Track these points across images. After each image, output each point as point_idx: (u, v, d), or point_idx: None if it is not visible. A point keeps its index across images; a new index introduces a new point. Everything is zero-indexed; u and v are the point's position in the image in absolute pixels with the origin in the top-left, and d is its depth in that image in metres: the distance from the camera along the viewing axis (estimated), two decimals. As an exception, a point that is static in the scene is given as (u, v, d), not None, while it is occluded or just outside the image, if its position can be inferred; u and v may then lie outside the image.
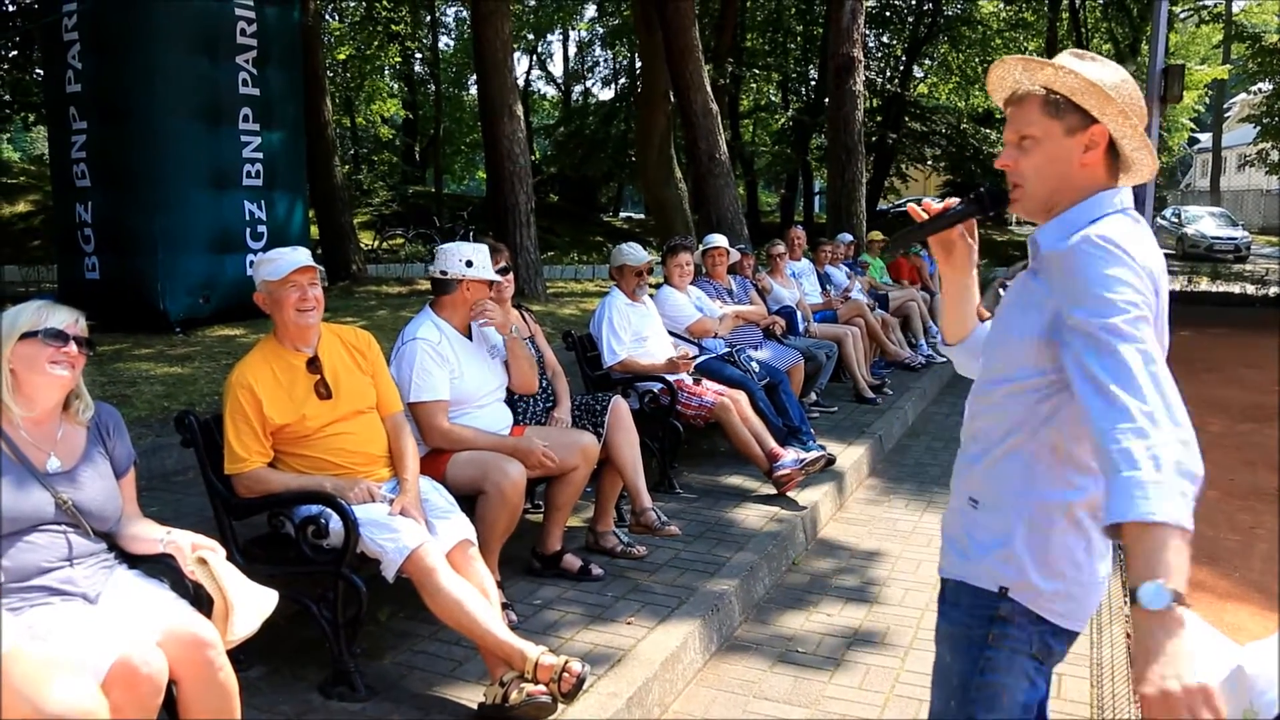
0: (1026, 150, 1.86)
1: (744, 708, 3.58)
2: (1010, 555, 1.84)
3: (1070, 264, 1.70)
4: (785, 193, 35.88)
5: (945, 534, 2.03)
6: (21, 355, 2.58)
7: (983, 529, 1.89)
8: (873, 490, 6.43)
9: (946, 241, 2.10)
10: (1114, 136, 1.82)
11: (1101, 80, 1.80)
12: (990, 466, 1.89)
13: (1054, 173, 1.84)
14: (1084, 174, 1.84)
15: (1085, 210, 1.81)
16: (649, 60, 17.79)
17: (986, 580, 1.87)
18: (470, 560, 3.41)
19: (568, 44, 42.48)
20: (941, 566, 2.03)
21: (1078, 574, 1.83)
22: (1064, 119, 1.82)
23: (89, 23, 9.46)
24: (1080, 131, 1.82)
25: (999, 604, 1.86)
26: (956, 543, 1.97)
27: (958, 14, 30.16)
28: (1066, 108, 1.81)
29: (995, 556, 1.86)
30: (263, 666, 3.41)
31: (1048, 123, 1.83)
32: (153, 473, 5.45)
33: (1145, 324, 1.61)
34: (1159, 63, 12.22)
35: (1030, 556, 1.82)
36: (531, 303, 9.79)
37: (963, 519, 1.96)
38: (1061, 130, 1.82)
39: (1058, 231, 1.81)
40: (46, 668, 2.14)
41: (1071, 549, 1.82)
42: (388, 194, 29.32)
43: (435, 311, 4.25)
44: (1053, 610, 1.84)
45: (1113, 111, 1.79)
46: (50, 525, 2.56)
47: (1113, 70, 1.84)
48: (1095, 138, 1.82)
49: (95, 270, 9.75)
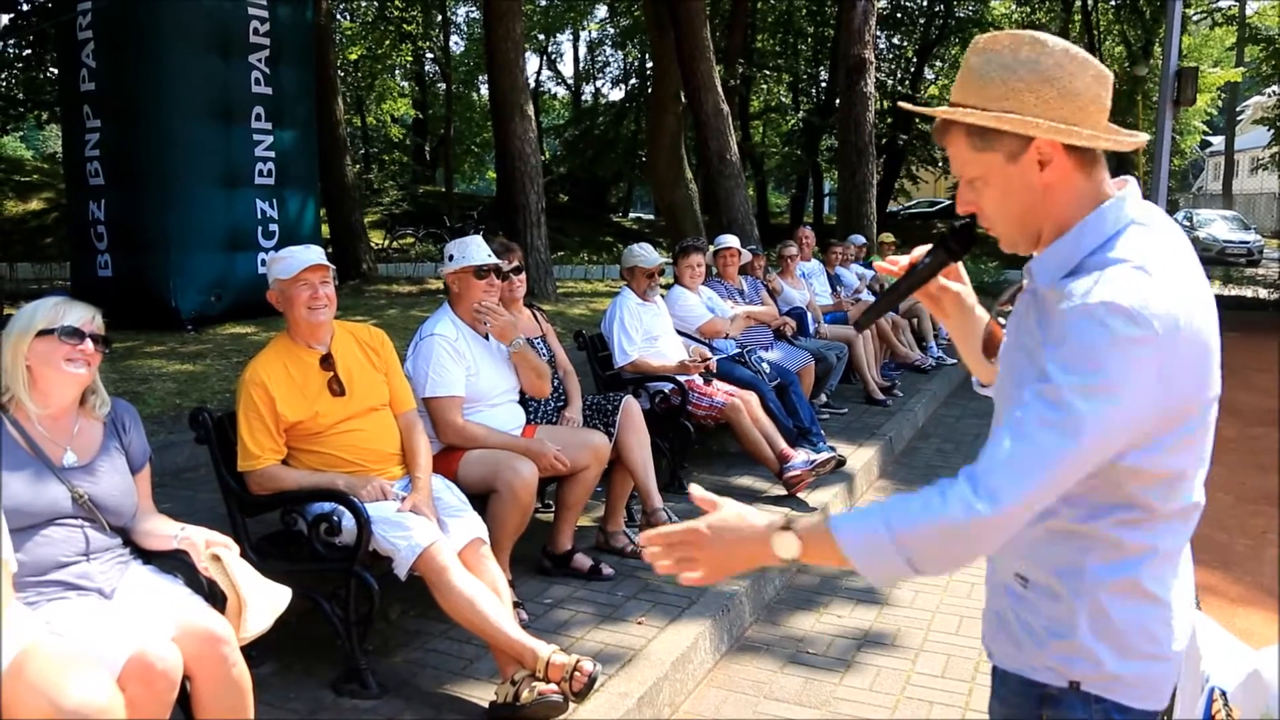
0: (979, 190, 1.56)
1: (754, 708, 3.58)
2: (1077, 646, 1.55)
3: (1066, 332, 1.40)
4: (795, 193, 35.84)
5: (991, 606, 1.73)
6: (38, 352, 2.60)
7: (1036, 615, 1.60)
8: (883, 492, 6.42)
9: (929, 296, 1.83)
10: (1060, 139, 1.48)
11: (1007, 85, 1.49)
12: (1033, 542, 1.59)
13: (1017, 207, 1.54)
14: (1054, 194, 1.52)
15: (1084, 236, 1.50)
16: (660, 61, 17.78)
17: (1051, 676, 1.58)
18: (482, 559, 3.41)
19: (578, 44, 42.51)
20: (989, 647, 1.74)
21: (1156, 649, 1.55)
22: (997, 147, 1.51)
23: (103, 21, 9.51)
24: (1022, 153, 1.50)
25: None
26: (1004, 623, 1.67)
27: (969, 15, 30.10)
28: (993, 134, 1.50)
29: (1058, 648, 1.57)
30: (274, 663, 3.42)
31: (982, 158, 1.53)
32: (165, 469, 5.46)
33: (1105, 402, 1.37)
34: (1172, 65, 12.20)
35: (1104, 645, 1.54)
36: (542, 303, 9.79)
37: (1010, 599, 1.66)
38: (1001, 160, 1.51)
39: (1055, 262, 1.52)
40: (63, 663, 2.15)
41: (1147, 624, 1.54)
42: (398, 193, 29.40)
43: (452, 309, 4.26)
44: (1133, 694, 1.56)
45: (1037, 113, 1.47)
46: (66, 520, 2.57)
47: (1007, 55, 1.50)
48: (1043, 151, 1.49)
49: (108, 268, 9.81)
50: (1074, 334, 1.38)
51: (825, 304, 9.18)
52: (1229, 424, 8.60)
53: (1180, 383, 1.41)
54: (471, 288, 4.20)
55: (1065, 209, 1.52)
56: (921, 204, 37.74)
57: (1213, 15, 31.07)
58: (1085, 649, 1.54)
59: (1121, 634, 1.53)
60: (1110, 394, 1.36)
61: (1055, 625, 1.56)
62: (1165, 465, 1.47)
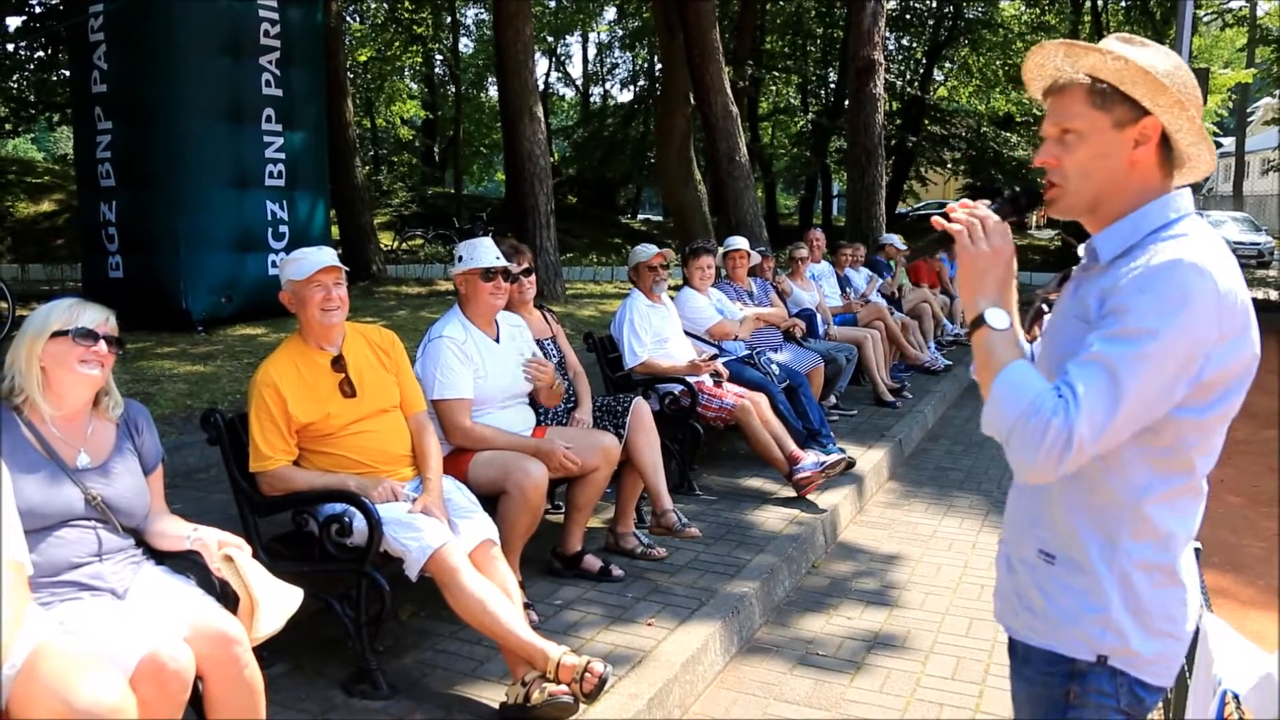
0: (1069, 146, 1.66)
1: (764, 710, 3.57)
2: (1109, 621, 1.63)
3: (1143, 285, 1.53)
4: (804, 195, 35.82)
5: (1009, 584, 1.80)
6: (52, 353, 2.61)
7: (1065, 591, 1.67)
8: (893, 494, 6.42)
9: None
10: (1168, 130, 1.63)
11: (1154, 66, 1.60)
12: (1062, 517, 1.68)
13: (1101, 171, 1.65)
14: (1134, 173, 1.64)
15: (1148, 217, 1.63)
16: (669, 62, 17.79)
17: (1079, 649, 1.65)
18: (492, 560, 3.41)
19: (587, 46, 42.57)
20: (1008, 623, 1.81)
21: (1174, 629, 1.65)
22: (1112, 110, 1.62)
23: (115, 24, 9.56)
24: (1130, 125, 1.62)
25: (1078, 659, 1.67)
26: (1028, 600, 1.74)
27: (979, 16, 30.00)
28: (1114, 97, 1.62)
29: (1090, 622, 1.64)
30: (286, 663, 3.43)
31: (1093, 114, 1.63)
32: (176, 470, 5.49)
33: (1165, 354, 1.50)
34: (1183, 66, 12.14)
35: (1132, 620, 1.62)
36: (551, 304, 9.80)
37: (1033, 575, 1.73)
38: (1109, 123, 1.62)
39: (1119, 239, 1.65)
40: (76, 663, 2.16)
41: (1168, 604, 1.64)
42: (407, 195, 29.45)
43: (462, 311, 4.27)
44: (1151, 671, 1.65)
45: (1166, 101, 1.60)
46: (80, 521, 2.58)
47: (1165, 55, 1.63)
48: (1147, 131, 1.62)
49: (119, 269, 9.85)
50: (1151, 285, 1.51)
51: (835, 305, 9.17)
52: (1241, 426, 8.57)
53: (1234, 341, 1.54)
54: (479, 289, 4.21)
55: (1135, 190, 1.65)
56: (931, 205, 37.67)
57: (1223, 16, 30.97)
58: (1115, 624, 1.62)
59: (1148, 612, 1.62)
60: (1163, 332, 1.49)
61: (1086, 600, 1.64)
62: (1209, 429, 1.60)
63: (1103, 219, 1.68)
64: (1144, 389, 1.49)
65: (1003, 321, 1.63)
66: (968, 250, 1.68)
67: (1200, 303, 1.49)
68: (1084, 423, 1.48)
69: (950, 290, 12.43)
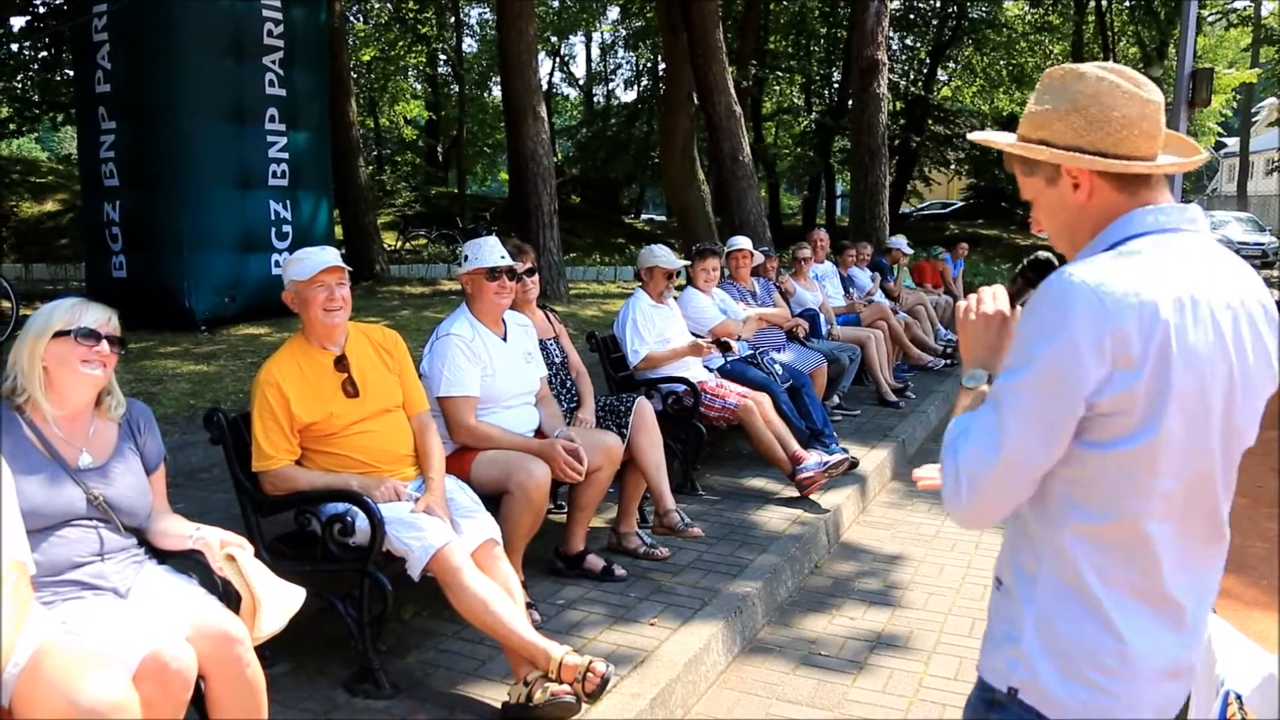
0: (1035, 206, 1.69)
1: (767, 710, 3.57)
2: (1019, 652, 1.56)
3: (1033, 303, 1.51)
4: (807, 195, 35.82)
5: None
6: (55, 353, 2.61)
7: (998, 615, 1.64)
8: (895, 494, 6.41)
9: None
10: (1092, 168, 1.56)
11: (1041, 110, 1.60)
12: (1007, 541, 1.66)
13: (1061, 219, 1.64)
14: (1090, 206, 1.59)
15: (1111, 233, 1.57)
16: (672, 62, 17.79)
17: (996, 677, 1.60)
18: (495, 560, 3.41)
19: (590, 46, 42.56)
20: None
21: (1103, 680, 1.50)
22: (1038, 173, 1.63)
23: (119, 24, 9.57)
24: (1058, 177, 1.60)
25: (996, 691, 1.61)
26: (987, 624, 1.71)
27: (982, 17, 30.00)
28: (1031, 160, 1.63)
29: (1006, 652, 1.59)
30: (288, 663, 3.43)
31: (1029, 180, 1.66)
32: (179, 469, 5.49)
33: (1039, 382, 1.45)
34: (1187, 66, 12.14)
35: (1045, 657, 1.53)
36: (554, 304, 9.80)
37: (991, 598, 1.71)
38: (1043, 183, 1.63)
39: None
40: (79, 661, 2.17)
41: (1094, 650, 1.50)
42: (410, 194, 29.43)
43: (469, 310, 4.27)
44: (1065, 708, 1.52)
45: (1067, 140, 1.56)
46: (82, 520, 2.59)
47: (1054, 85, 1.60)
48: (1073, 175, 1.58)
49: (122, 269, 9.86)
50: (1034, 306, 1.48)
51: (838, 306, 9.17)
52: (1244, 426, 8.59)
53: (1137, 370, 1.41)
54: (484, 289, 4.21)
55: (1100, 219, 1.58)
56: (934, 205, 37.66)
57: (1228, 16, 30.93)
58: (1025, 656, 1.54)
59: (1065, 652, 1.51)
60: (1035, 355, 1.44)
61: (1006, 626, 1.59)
62: (1129, 468, 1.46)
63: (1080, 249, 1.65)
64: (1024, 421, 1.46)
65: (974, 381, 1.70)
66: (961, 324, 1.76)
67: (1078, 320, 1.41)
68: (969, 460, 1.51)
69: (954, 290, 12.42)
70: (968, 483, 1.51)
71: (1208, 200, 44.82)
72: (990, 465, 1.49)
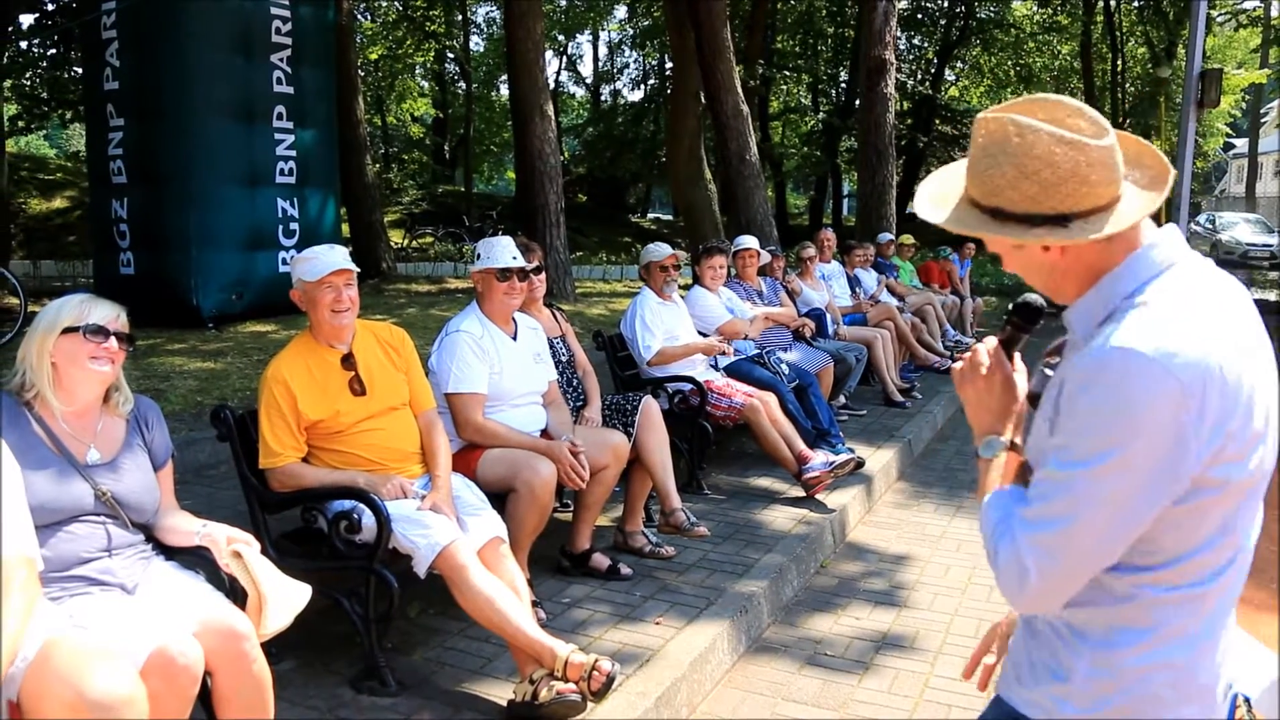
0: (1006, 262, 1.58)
1: (772, 709, 3.57)
2: (1070, 691, 1.50)
3: (1083, 385, 1.37)
4: (814, 195, 35.77)
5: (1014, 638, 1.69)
6: (63, 350, 2.62)
7: (1040, 648, 1.56)
8: (901, 494, 6.40)
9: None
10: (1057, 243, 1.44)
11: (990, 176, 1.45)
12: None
13: (1037, 279, 1.54)
14: (1067, 263, 1.49)
15: (1121, 279, 1.44)
16: (679, 61, 17.77)
17: (1037, 711, 1.54)
18: (501, 558, 3.42)
19: (598, 45, 42.57)
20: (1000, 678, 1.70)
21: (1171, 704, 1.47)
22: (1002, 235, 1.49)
23: (127, 21, 9.59)
24: (1023, 244, 1.49)
25: None
26: (1014, 658, 1.63)
27: (990, 17, 29.95)
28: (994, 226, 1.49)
29: (1052, 690, 1.52)
30: (294, 660, 3.43)
31: (996, 240, 1.52)
32: (186, 466, 5.50)
33: (1124, 473, 1.33)
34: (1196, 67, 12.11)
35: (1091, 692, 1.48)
36: (561, 303, 9.80)
37: (1022, 630, 1.63)
38: (1010, 245, 1.52)
39: (1088, 312, 1.49)
40: (87, 655, 2.17)
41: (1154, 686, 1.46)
42: (417, 193, 29.50)
43: (480, 308, 4.28)
44: None
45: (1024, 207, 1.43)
46: (90, 516, 2.59)
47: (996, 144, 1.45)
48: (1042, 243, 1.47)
49: (130, 266, 9.88)
50: (1089, 389, 1.35)
51: (844, 305, 9.15)
52: (1252, 428, 8.61)
53: (1208, 439, 1.33)
54: (494, 288, 4.22)
55: (1087, 270, 1.48)
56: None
57: (1237, 17, 30.80)
58: (1075, 694, 1.49)
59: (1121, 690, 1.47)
60: (1119, 445, 1.32)
61: (1052, 666, 1.52)
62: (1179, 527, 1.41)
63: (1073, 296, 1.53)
64: (1105, 508, 1.35)
65: (991, 450, 1.63)
66: (962, 388, 1.67)
67: (1160, 401, 1.30)
68: (1034, 549, 1.40)
69: (960, 290, 12.39)
70: (1036, 571, 1.40)
71: (1216, 201, 44.70)
72: (1065, 554, 1.39)
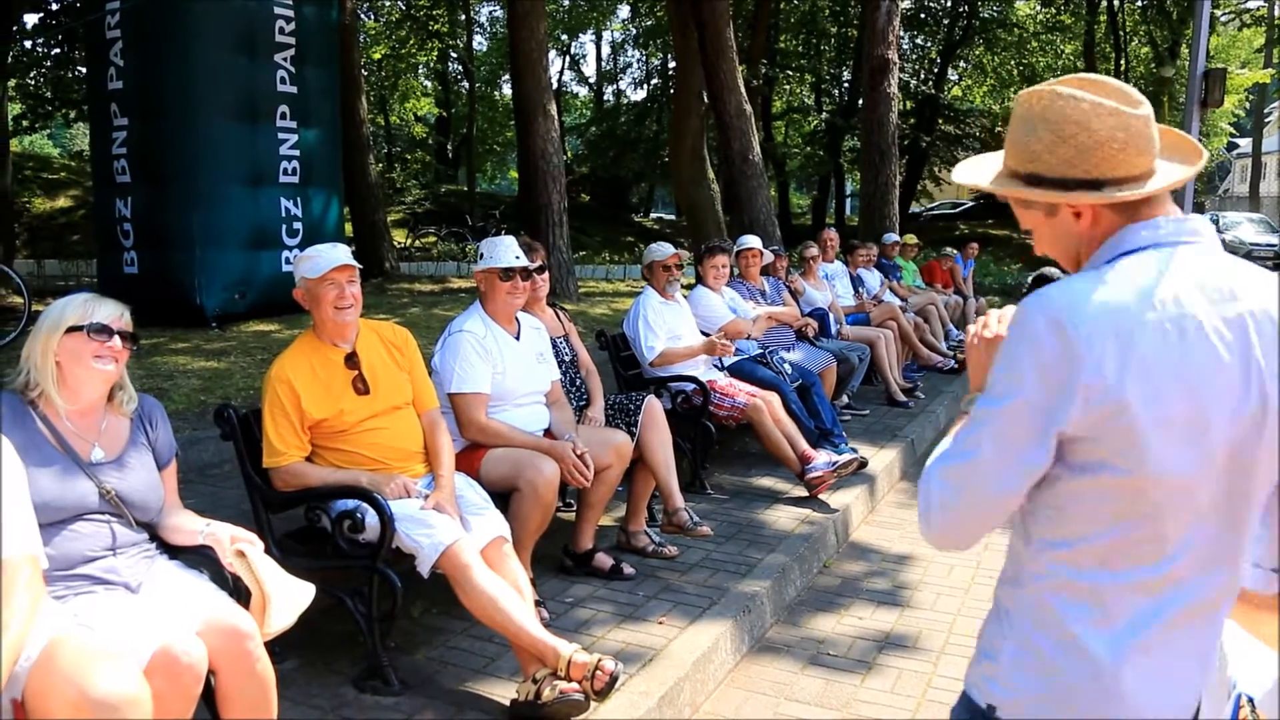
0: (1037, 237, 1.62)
1: (775, 709, 3.57)
2: (997, 672, 1.55)
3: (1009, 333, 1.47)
4: (817, 195, 35.76)
5: None
6: (67, 348, 2.62)
7: (984, 629, 1.62)
8: (904, 494, 6.40)
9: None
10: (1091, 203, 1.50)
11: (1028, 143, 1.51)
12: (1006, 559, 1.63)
13: (1065, 244, 1.57)
14: (1098, 229, 1.52)
15: (1103, 251, 1.51)
16: (682, 61, 17.75)
17: (976, 693, 1.59)
18: (504, 557, 3.42)
19: (601, 44, 42.60)
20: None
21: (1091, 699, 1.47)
22: (1034, 206, 1.57)
23: (131, 21, 9.61)
24: (1057, 210, 1.54)
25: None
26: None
27: (994, 16, 29.91)
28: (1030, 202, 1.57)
29: (984, 669, 1.58)
30: (297, 659, 3.44)
31: (1027, 214, 1.59)
32: (190, 465, 5.50)
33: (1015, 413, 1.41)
34: (1200, 66, 12.09)
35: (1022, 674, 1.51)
36: (564, 302, 9.79)
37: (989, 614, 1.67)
38: (1041, 216, 1.57)
39: None
40: (92, 654, 2.17)
41: (1067, 662, 1.48)
42: (420, 192, 29.52)
43: (483, 307, 4.28)
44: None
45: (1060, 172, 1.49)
46: (94, 515, 2.59)
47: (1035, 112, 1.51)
48: (1074, 206, 1.51)
49: (134, 265, 9.90)
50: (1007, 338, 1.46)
51: (847, 305, 9.15)
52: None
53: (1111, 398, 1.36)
54: (497, 288, 4.22)
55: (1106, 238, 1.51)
56: (944, 205, 37.54)
57: (1241, 16, 30.77)
58: (1004, 675, 1.53)
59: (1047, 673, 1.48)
60: (1016, 406, 1.42)
61: (986, 644, 1.59)
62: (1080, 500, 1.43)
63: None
64: (997, 447, 1.44)
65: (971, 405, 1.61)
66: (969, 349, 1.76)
67: (1044, 347, 1.38)
68: (942, 484, 1.50)
69: (964, 290, 12.39)
70: (939, 505, 1.51)
71: (1220, 201, 44.64)
72: (963, 490, 1.48)
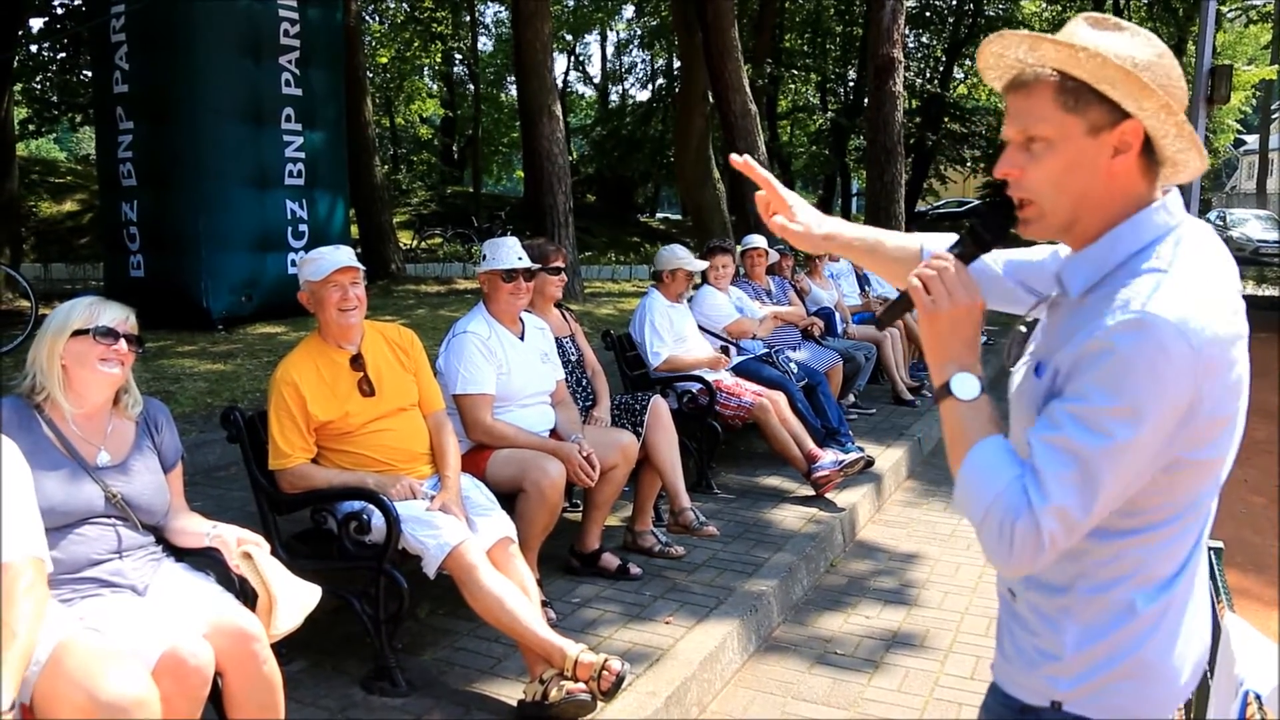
0: (1036, 155, 1.41)
1: (782, 708, 3.57)
2: (1062, 668, 1.47)
3: (1106, 349, 1.31)
4: (823, 194, 35.72)
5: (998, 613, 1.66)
6: (73, 352, 2.63)
7: (1025, 631, 1.53)
8: (911, 493, 6.39)
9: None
10: (1151, 135, 1.37)
11: (1135, 60, 1.34)
12: None
13: (1076, 185, 1.41)
14: (1114, 185, 1.40)
15: (1120, 240, 1.40)
16: (687, 61, 17.80)
17: (1034, 695, 1.51)
18: (511, 558, 3.42)
19: (605, 45, 42.55)
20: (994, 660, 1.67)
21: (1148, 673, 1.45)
22: (1086, 114, 1.37)
23: (136, 24, 9.61)
24: (1108, 130, 1.37)
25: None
26: (1000, 639, 1.61)
27: (999, 14, 29.84)
28: (1089, 98, 1.36)
29: (1045, 671, 1.49)
30: (304, 660, 3.44)
31: (1063, 118, 1.38)
32: (196, 468, 5.51)
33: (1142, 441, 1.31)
34: (1206, 63, 12.04)
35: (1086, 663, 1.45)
36: (570, 303, 9.78)
37: (1004, 611, 1.60)
38: (1083, 129, 1.38)
39: (1087, 269, 1.44)
40: (100, 657, 2.18)
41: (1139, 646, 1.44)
42: (426, 193, 29.49)
43: (486, 308, 4.28)
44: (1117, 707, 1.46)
45: (1152, 105, 1.34)
46: (100, 518, 2.60)
47: (1146, 42, 1.38)
48: (1128, 138, 1.37)
49: (140, 268, 9.91)
50: (1115, 358, 1.30)
51: (853, 304, 9.14)
52: (1261, 426, 8.52)
53: (1217, 404, 1.34)
54: (499, 289, 4.22)
55: (1117, 204, 1.41)
56: (950, 204, 37.50)
57: (1248, 12, 30.66)
58: (1068, 668, 1.46)
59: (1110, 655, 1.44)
60: (1140, 418, 1.29)
61: (1042, 646, 1.50)
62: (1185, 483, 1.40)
63: (1079, 238, 1.46)
64: (1122, 476, 1.33)
65: (970, 391, 1.45)
66: (926, 309, 1.47)
67: (1176, 371, 1.29)
68: (1054, 521, 1.33)
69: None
70: (1049, 540, 1.35)
71: (1226, 198, 44.47)
72: (1082, 526, 1.35)
